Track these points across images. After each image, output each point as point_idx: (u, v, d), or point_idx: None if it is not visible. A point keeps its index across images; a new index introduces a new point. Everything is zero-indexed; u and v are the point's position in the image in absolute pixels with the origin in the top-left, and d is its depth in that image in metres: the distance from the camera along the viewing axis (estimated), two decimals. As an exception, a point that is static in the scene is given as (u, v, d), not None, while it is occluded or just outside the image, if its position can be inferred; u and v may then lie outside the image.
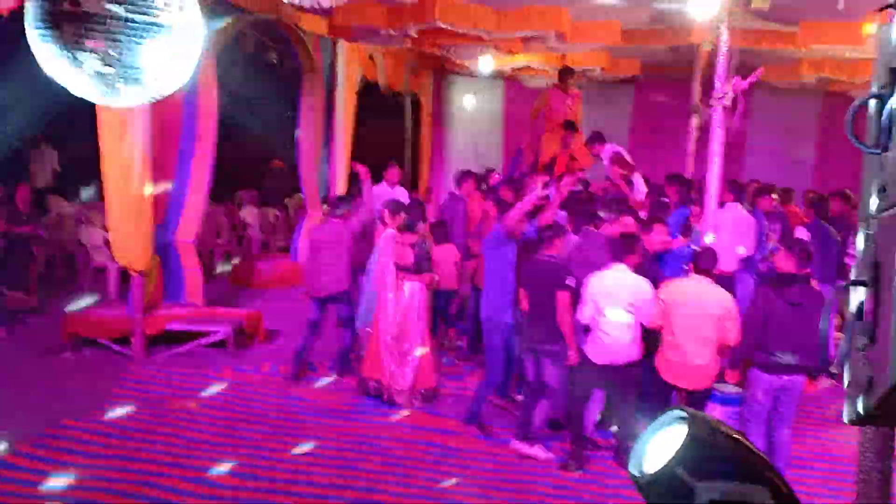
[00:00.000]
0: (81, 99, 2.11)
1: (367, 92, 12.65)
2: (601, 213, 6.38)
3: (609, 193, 8.55)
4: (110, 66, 1.91)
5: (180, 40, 2.00)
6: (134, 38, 1.87)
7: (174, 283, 8.58)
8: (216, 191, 9.57)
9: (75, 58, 1.91)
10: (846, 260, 7.60)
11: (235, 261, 11.86)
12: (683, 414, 1.71)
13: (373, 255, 6.95)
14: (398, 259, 6.64)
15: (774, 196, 9.01)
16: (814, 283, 5.76)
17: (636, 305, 5.42)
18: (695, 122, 10.27)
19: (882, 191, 1.39)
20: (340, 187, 11.71)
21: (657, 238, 6.14)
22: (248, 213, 13.10)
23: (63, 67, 1.97)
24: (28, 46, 2.01)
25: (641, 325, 5.49)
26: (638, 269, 5.56)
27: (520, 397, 6.46)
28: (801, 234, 7.97)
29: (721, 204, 7.35)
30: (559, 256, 5.78)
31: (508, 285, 6.14)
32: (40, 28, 1.94)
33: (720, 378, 5.55)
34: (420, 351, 6.68)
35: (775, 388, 5.19)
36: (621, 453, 5.59)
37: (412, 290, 6.66)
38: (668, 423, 1.74)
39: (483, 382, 6.48)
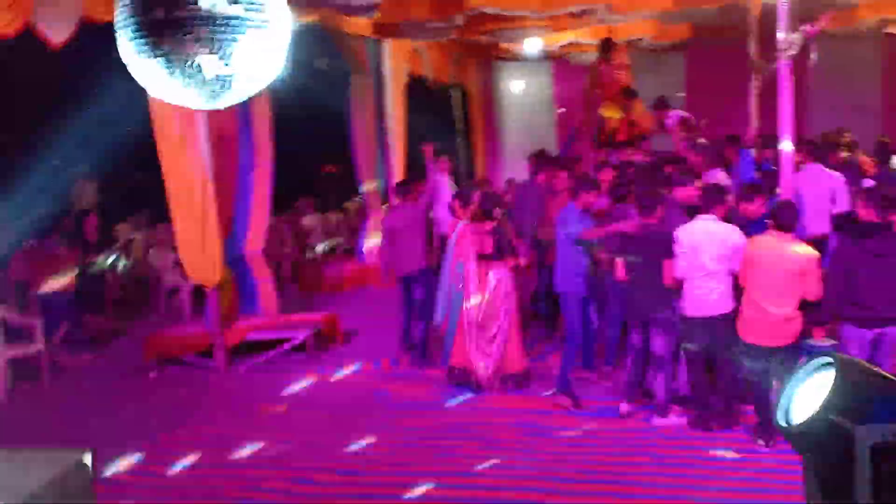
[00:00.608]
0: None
1: (415, 87, 12.69)
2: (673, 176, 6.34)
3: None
4: (223, 67, 1.92)
5: (274, 34, 2.01)
6: (235, 36, 1.88)
7: (248, 294, 8.73)
8: (277, 201, 9.72)
9: (182, 65, 1.93)
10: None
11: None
12: (829, 359, 1.65)
13: (447, 251, 6.97)
14: (479, 248, 6.63)
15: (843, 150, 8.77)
16: None
17: (726, 255, 5.42)
18: (755, 80, 10.04)
19: None
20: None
21: (756, 208, 5.98)
22: (310, 220, 13.27)
23: (163, 76, 1.99)
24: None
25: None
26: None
27: (607, 368, 6.76)
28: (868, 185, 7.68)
29: (797, 166, 7.15)
30: (659, 227, 5.77)
31: (581, 258, 6.31)
32: (137, 41, 1.95)
33: (807, 336, 5.41)
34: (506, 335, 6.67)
35: (869, 342, 5.08)
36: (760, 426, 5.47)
37: (498, 276, 6.64)
38: (812, 370, 1.69)
39: (565, 352, 6.54)
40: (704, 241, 5.45)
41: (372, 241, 11.33)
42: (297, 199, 13.74)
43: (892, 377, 1.63)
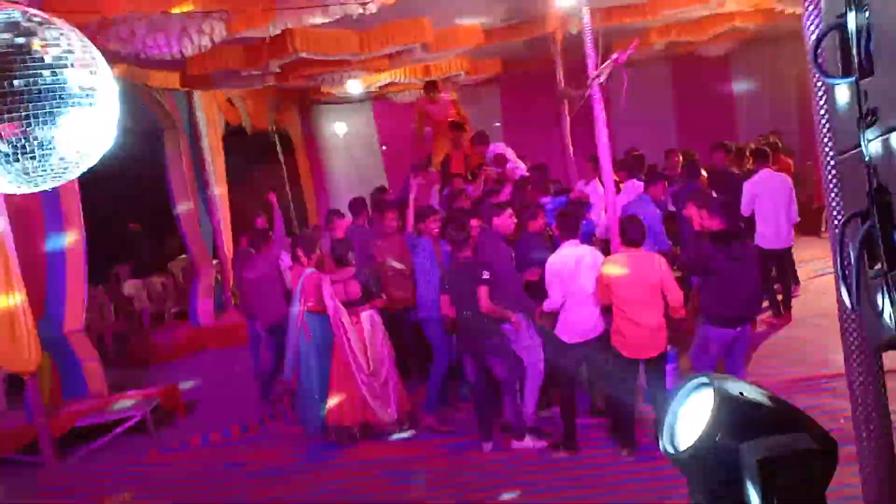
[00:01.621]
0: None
1: (234, 136, 12.36)
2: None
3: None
4: (28, 148, 1.69)
5: (100, 106, 1.81)
6: (52, 111, 1.68)
7: (73, 376, 8.03)
8: (92, 270, 9.05)
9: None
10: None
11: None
12: (704, 379, 1.70)
13: (293, 303, 6.78)
14: (343, 296, 6.51)
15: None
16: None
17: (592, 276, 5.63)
18: (566, 108, 10.60)
19: (868, 117, 1.41)
20: (227, 238, 11.38)
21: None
22: (131, 287, 12.47)
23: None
24: None
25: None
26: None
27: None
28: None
29: (617, 185, 7.57)
30: (472, 257, 5.99)
31: (434, 284, 6.44)
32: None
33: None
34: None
35: (729, 340, 5.46)
36: (617, 429, 5.68)
37: (371, 320, 6.55)
38: (690, 392, 1.72)
39: (433, 374, 6.68)
40: (581, 267, 5.60)
41: (205, 302, 10.85)
42: (113, 266, 12.91)
43: (765, 390, 1.70)
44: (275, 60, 8.44)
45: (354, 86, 11.89)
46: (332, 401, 6.54)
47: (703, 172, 8.67)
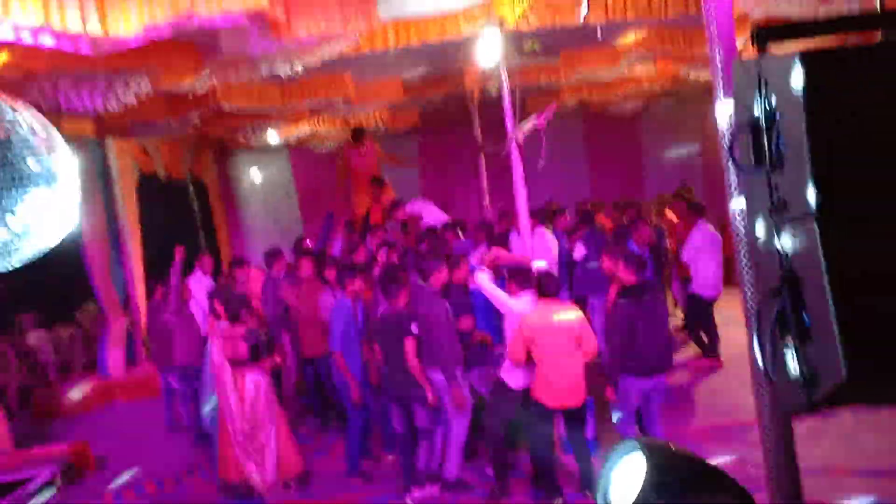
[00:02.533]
0: None
1: (148, 185, 12.11)
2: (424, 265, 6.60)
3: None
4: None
5: (60, 185, 1.82)
6: (13, 191, 1.67)
7: (-27, 434, 7.62)
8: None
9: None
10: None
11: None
12: (635, 443, 1.83)
13: (206, 354, 6.65)
14: (231, 354, 6.36)
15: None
16: None
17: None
18: (483, 161, 10.91)
19: (779, 207, 1.58)
20: (139, 288, 11.07)
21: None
22: (36, 337, 11.93)
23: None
24: None
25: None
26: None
27: (390, 457, 6.79)
28: (579, 250, 8.68)
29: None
30: (402, 309, 6.04)
31: (351, 347, 6.54)
32: None
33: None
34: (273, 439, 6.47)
35: (647, 390, 5.62)
36: (542, 480, 5.75)
37: (256, 382, 6.38)
38: (621, 455, 1.85)
39: (350, 432, 6.67)
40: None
41: (115, 353, 10.50)
42: (16, 315, 12.34)
43: (689, 452, 1.85)
44: (195, 112, 8.40)
45: (274, 136, 11.90)
46: (221, 455, 6.46)
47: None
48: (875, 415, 5.62)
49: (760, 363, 1.71)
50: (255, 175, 15.29)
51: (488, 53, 7.28)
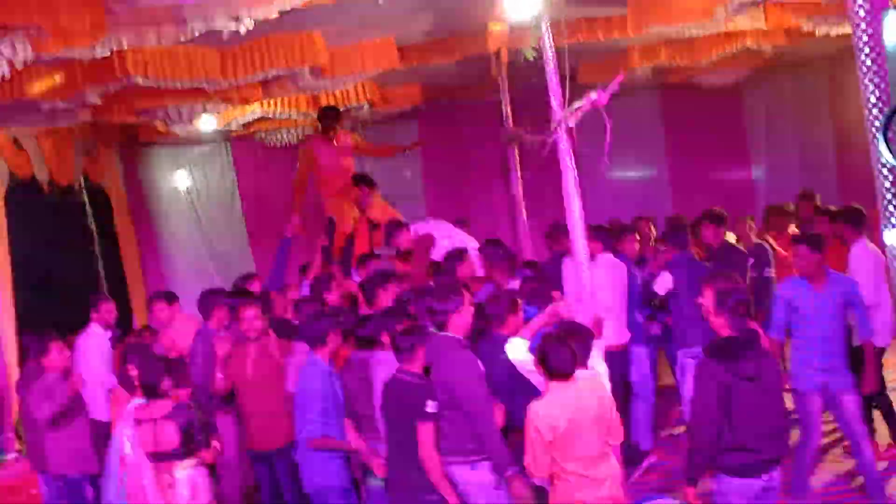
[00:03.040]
0: None
1: (22, 195, 12.15)
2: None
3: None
4: None
5: None
6: None
7: None
8: None
9: None
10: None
11: None
12: None
13: (112, 446, 6.65)
14: (152, 444, 6.33)
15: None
16: None
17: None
18: (516, 157, 10.91)
19: None
20: (10, 350, 11.08)
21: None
22: None
23: None
24: None
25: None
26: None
27: None
28: (663, 282, 8.71)
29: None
30: (419, 374, 6.08)
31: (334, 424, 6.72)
32: None
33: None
34: None
35: (755, 493, 5.53)
36: None
37: (191, 483, 6.37)
38: None
39: None
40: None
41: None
42: None
43: None
44: (95, 88, 8.42)
45: (208, 122, 11.93)
46: None
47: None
48: None
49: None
50: (180, 179, 15.32)
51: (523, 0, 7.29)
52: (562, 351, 5.60)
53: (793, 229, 10.47)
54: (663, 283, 8.74)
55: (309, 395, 6.63)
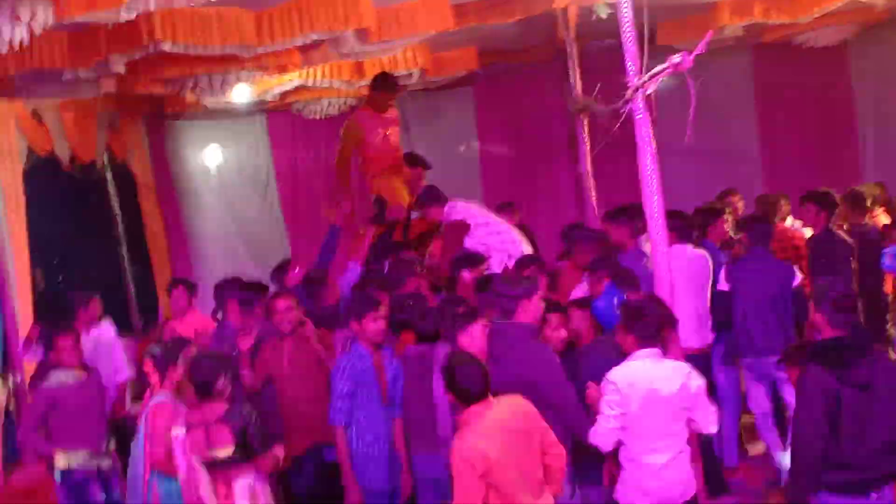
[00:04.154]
0: None
1: (42, 172, 12.36)
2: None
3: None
4: None
5: None
6: None
7: None
8: None
9: None
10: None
11: None
12: None
13: (135, 445, 6.80)
14: (207, 449, 6.38)
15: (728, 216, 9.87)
16: None
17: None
18: (585, 128, 10.88)
19: None
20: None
21: None
22: None
23: None
24: None
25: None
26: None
27: None
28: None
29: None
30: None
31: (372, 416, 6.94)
32: None
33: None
34: None
35: None
36: None
37: (252, 491, 6.43)
38: None
39: None
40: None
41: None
42: None
43: None
44: (119, 55, 8.53)
45: (242, 93, 12.04)
46: None
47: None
48: None
49: None
50: (210, 156, 15.41)
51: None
52: (472, 370, 5.54)
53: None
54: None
55: (341, 378, 6.92)
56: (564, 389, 6.15)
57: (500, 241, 9.59)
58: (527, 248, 9.62)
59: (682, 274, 7.95)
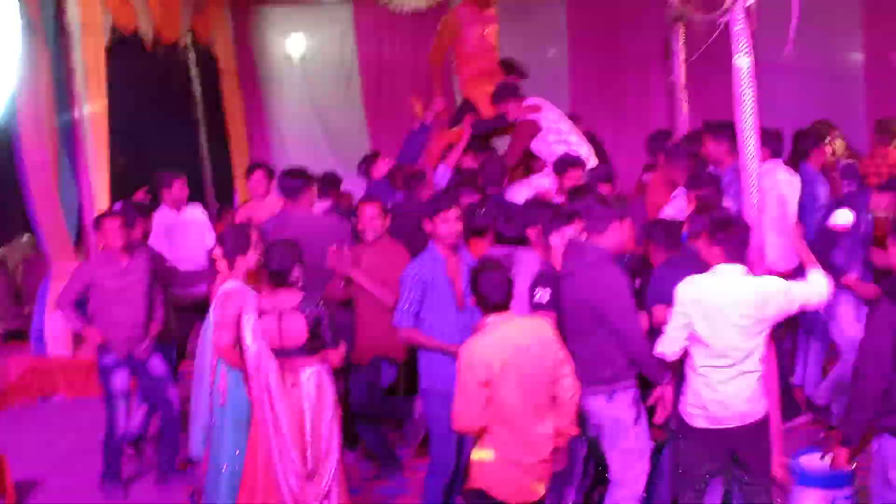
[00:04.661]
0: None
1: (124, 49, 12.38)
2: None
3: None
4: None
5: None
6: None
7: None
8: None
9: None
10: None
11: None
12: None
13: (203, 331, 6.85)
14: (279, 339, 6.40)
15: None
16: None
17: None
18: (679, 39, 10.61)
19: None
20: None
21: None
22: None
23: None
24: None
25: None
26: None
27: None
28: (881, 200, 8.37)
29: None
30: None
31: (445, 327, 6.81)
32: None
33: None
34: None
35: None
36: None
37: (318, 383, 6.45)
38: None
39: (428, 479, 6.86)
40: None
41: (59, 319, 10.86)
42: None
43: None
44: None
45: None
46: None
47: None
48: None
49: None
50: (294, 44, 15.42)
51: None
52: (494, 277, 5.56)
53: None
54: (843, 217, 8.42)
55: (411, 283, 6.81)
56: (632, 318, 6.11)
57: (565, 151, 9.49)
58: (592, 163, 9.56)
59: (771, 194, 7.83)
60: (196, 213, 10.15)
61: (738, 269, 5.75)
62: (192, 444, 7.19)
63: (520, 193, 9.04)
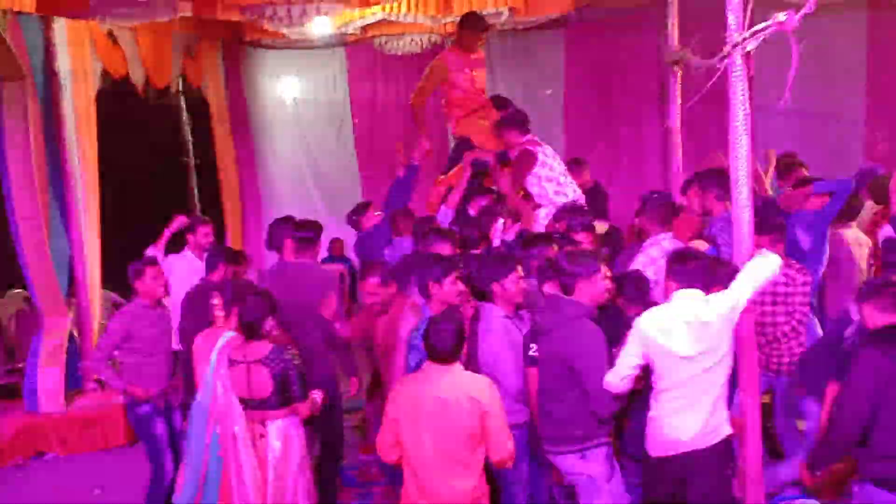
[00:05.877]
0: None
1: (115, 95, 12.43)
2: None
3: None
4: None
5: None
6: None
7: None
8: None
9: None
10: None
11: None
12: None
13: (203, 384, 6.88)
14: (247, 390, 6.54)
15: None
16: None
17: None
18: (677, 81, 10.69)
19: None
20: (93, 266, 11.37)
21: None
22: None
23: None
24: None
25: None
26: None
27: None
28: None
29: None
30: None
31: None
32: None
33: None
34: None
35: None
36: None
37: (286, 434, 6.56)
38: None
39: None
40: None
41: (51, 374, 10.85)
42: None
43: None
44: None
45: (322, 25, 11.99)
46: None
47: None
48: None
49: None
50: (286, 87, 15.48)
51: None
52: (444, 329, 5.68)
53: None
54: None
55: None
56: (601, 377, 6.05)
57: (554, 191, 9.57)
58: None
59: None
60: None
61: (694, 293, 5.81)
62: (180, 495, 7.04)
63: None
